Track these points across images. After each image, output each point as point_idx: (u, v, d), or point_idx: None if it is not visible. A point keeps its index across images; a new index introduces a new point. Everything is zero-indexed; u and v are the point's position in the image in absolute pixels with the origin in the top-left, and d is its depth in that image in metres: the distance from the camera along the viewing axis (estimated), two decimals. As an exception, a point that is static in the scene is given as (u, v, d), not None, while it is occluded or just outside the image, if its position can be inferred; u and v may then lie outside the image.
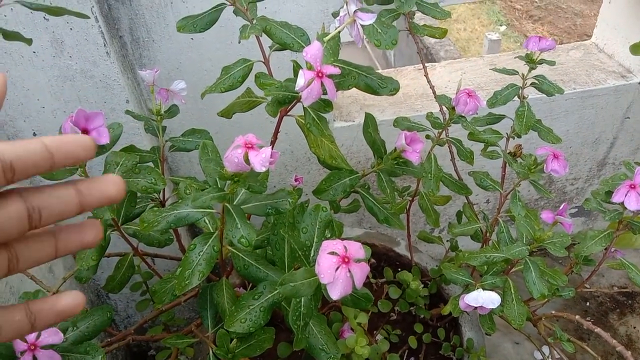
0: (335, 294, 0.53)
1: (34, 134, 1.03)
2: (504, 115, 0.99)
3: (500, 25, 5.56)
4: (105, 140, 0.62)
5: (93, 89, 0.99)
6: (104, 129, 0.63)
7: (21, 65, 0.94)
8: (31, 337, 0.62)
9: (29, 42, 0.73)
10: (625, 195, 0.81)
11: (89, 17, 0.69)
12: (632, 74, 1.40)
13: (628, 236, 1.01)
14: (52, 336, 0.64)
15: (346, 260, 0.53)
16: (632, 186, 0.81)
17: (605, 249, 0.90)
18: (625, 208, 0.82)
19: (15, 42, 0.73)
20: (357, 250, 0.55)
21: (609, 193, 0.86)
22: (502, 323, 1.00)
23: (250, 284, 1.00)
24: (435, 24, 3.99)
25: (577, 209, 1.75)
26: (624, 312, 1.63)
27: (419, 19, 4.06)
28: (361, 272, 0.54)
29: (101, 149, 0.67)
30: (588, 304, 1.66)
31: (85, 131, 0.62)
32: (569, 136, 1.47)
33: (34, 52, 0.93)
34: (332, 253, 0.54)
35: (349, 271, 0.53)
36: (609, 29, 1.47)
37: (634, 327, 1.58)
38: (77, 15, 0.69)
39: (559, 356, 1.03)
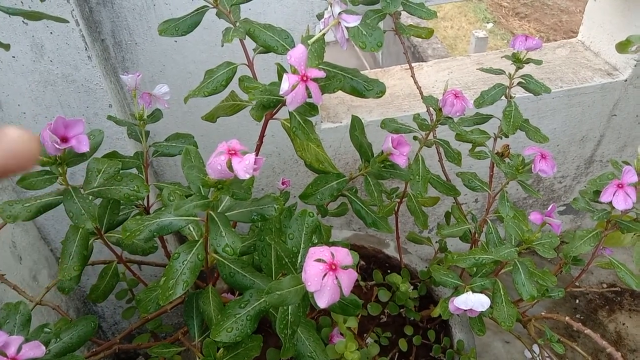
0: (322, 302, 0.52)
1: (15, 140, 1.00)
2: (491, 115, 0.98)
3: (487, 23, 5.57)
4: (85, 148, 0.61)
5: (75, 93, 0.97)
6: (83, 137, 0.61)
7: (0, 70, 0.92)
8: (12, 351, 0.60)
9: (6, 47, 0.71)
10: (614, 195, 0.81)
11: (68, 22, 0.67)
12: (619, 72, 1.41)
13: (616, 235, 1.01)
14: (34, 349, 0.62)
15: (333, 267, 0.52)
16: (620, 185, 0.81)
17: (594, 248, 0.90)
18: (614, 207, 0.82)
19: (-7, 48, 0.71)
20: (345, 256, 0.54)
21: (597, 193, 0.86)
22: (492, 322, 1.00)
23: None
24: (422, 23, 3.99)
25: (565, 207, 1.75)
26: (613, 309, 1.63)
27: (406, 17, 4.05)
28: (349, 279, 0.53)
29: (82, 157, 0.66)
30: (577, 301, 1.66)
31: (64, 139, 0.61)
32: (556, 134, 1.47)
33: (14, 57, 0.91)
34: (319, 260, 0.53)
35: (337, 278, 0.52)
36: (594, 26, 1.47)
37: (623, 324, 1.59)
38: (55, 20, 0.67)
39: (548, 355, 1.02)
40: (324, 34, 0.66)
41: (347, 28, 0.65)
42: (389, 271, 1.17)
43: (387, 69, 1.50)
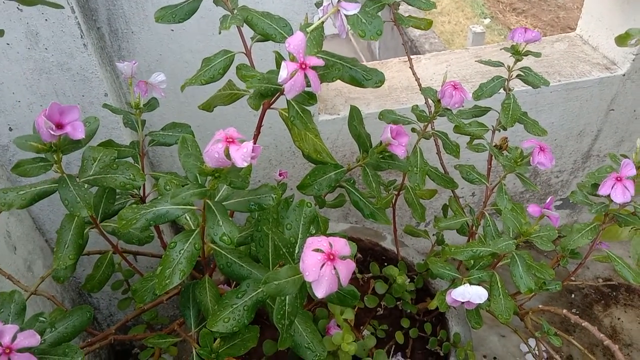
0: (320, 292, 0.51)
1: (10, 129, 0.99)
2: (489, 107, 0.98)
3: (484, 18, 5.57)
4: (80, 134, 0.60)
5: (70, 82, 0.96)
6: (79, 123, 0.60)
7: (-6, 57, 0.90)
8: (6, 340, 0.59)
9: (1, 33, 0.70)
10: (612, 188, 0.81)
11: (63, 7, 0.66)
12: (617, 66, 1.40)
13: (614, 228, 1.01)
14: (29, 338, 0.61)
15: (331, 257, 0.52)
16: (619, 179, 0.81)
17: (592, 241, 0.90)
18: (612, 201, 0.81)
19: (-14, 34, 0.70)
20: (343, 246, 0.54)
21: (595, 186, 0.86)
22: (488, 316, 1.00)
23: (234, 282, 0.98)
24: (420, 15, 3.97)
25: (562, 201, 1.75)
26: (609, 304, 1.64)
27: (404, 10, 4.04)
28: (347, 269, 0.53)
29: (77, 144, 0.65)
30: (573, 295, 1.66)
31: (59, 125, 0.60)
32: (554, 128, 1.47)
33: (8, 44, 0.90)
34: (317, 250, 0.52)
35: (335, 268, 0.52)
36: (593, 20, 1.47)
37: (619, 319, 1.59)
38: (51, 6, 0.66)
39: (545, 349, 1.02)
40: (323, 22, 0.65)
41: (346, 16, 0.64)
42: (385, 264, 1.17)
43: (384, 61, 1.49)
